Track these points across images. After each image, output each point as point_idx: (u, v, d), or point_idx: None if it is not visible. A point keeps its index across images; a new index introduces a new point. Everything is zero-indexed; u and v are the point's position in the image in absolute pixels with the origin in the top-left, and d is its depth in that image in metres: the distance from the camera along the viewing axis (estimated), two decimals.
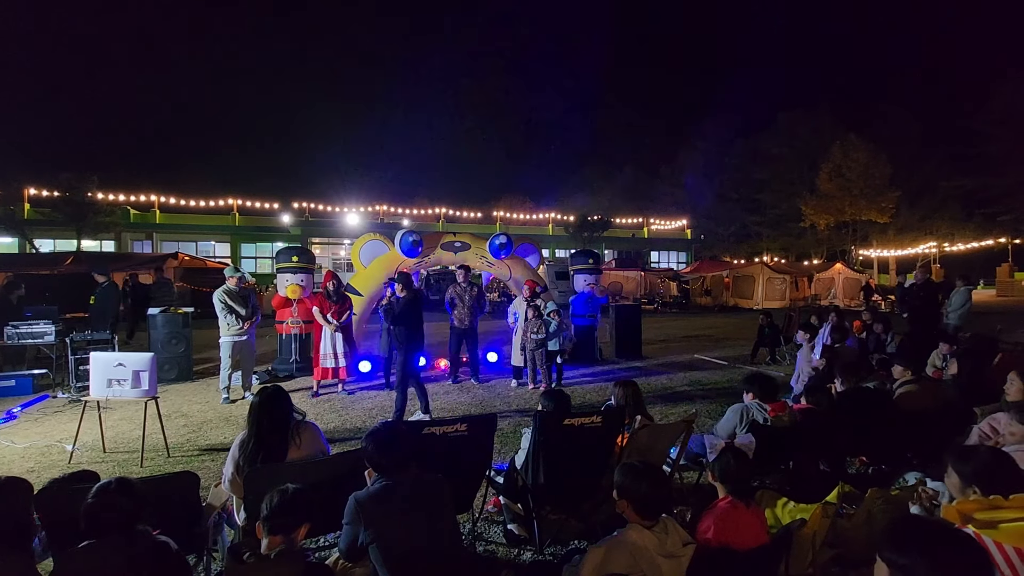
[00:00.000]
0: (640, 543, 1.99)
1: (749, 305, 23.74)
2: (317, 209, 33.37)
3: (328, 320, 6.96)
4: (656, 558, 1.97)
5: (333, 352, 6.99)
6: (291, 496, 2.00)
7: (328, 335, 6.99)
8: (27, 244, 25.68)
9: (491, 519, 3.59)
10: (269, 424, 2.81)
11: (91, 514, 1.89)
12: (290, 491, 2.02)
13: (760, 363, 9.44)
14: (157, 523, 2.30)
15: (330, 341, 6.99)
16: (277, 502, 1.97)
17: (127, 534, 1.89)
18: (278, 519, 1.95)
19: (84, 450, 4.94)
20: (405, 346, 5.85)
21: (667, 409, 6.36)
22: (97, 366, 4.69)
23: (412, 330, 5.95)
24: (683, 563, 2.01)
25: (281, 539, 1.94)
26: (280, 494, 2.00)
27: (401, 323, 5.88)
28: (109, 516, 1.89)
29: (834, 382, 4.58)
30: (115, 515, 1.89)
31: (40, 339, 7.66)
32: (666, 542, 2.01)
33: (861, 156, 34.21)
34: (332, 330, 6.96)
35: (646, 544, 1.99)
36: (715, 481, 2.35)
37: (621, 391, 3.74)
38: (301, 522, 2.00)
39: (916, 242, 37.39)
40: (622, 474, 2.16)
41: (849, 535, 2.55)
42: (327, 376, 7.05)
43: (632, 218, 40.58)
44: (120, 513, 1.90)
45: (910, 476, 3.33)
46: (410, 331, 5.91)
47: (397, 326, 5.91)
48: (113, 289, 10.34)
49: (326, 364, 7.00)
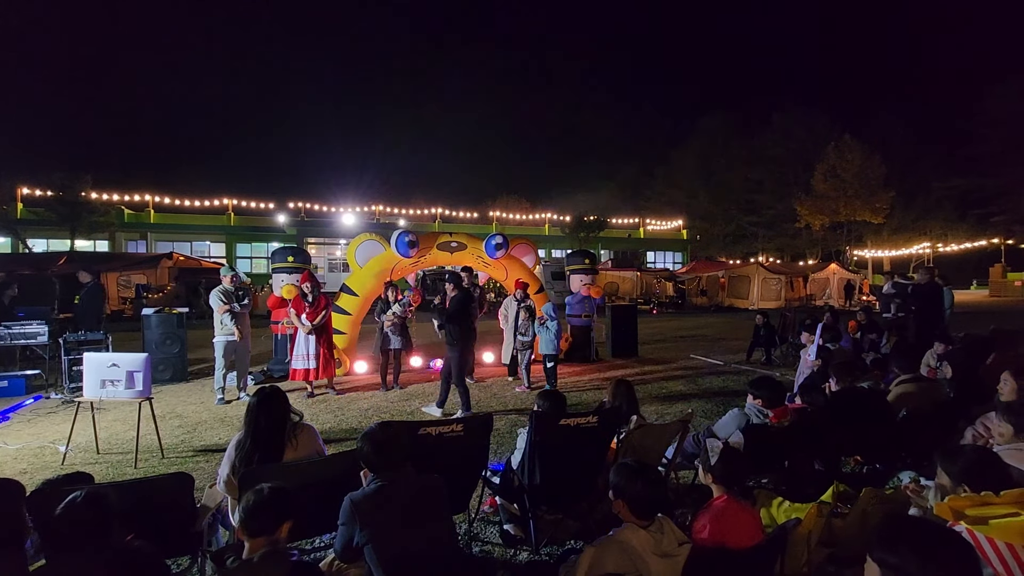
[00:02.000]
0: (635, 543, 1.99)
1: (745, 305, 23.82)
2: (313, 209, 33.28)
3: (302, 322, 6.90)
4: (651, 558, 1.97)
5: (306, 353, 6.92)
6: (266, 495, 1.94)
7: (302, 336, 6.93)
8: (20, 244, 25.51)
9: (487, 519, 3.58)
10: (266, 425, 2.80)
11: (57, 529, 1.85)
12: (265, 491, 1.96)
13: (756, 364, 9.47)
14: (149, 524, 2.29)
15: (303, 342, 6.92)
16: (252, 502, 1.92)
17: (97, 546, 1.84)
18: (255, 520, 1.90)
19: (77, 451, 4.91)
20: (459, 344, 6.03)
21: (663, 409, 6.37)
22: (91, 367, 4.65)
23: (465, 328, 6.16)
24: (679, 562, 2.01)
25: (264, 540, 1.90)
26: (255, 494, 1.95)
27: (454, 322, 6.05)
28: (76, 531, 1.83)
29: (828, 382, 4.60)
30: (82, 529, 1.83)
31: (33, 339, 7.60)
32: (662, 541, 2.01)
33: (856, 157, 34.40)
34: (306, 331, 6.90)
35: (641, 544, 1.99)
36: (711, 482, 2.35)
37: (615, 390, 3.75)
38: (281, 520, 1.94)
39: (910, 242, 37.63)
40: (617, 474, 2.16)
41: (844, 534, 2.56)
42: (297, 377, 6.96)
43: (628, 218, 40.68)
44: (86, 524, 1.84)
45: (904, 475, 3.35)
46: (463, 329, 6.11)
47: (451, 324, 6.07)
48: (98, 289, 10.24)
49: (296, 365, 6.95)
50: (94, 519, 1.85)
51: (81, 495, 1.90)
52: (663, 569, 1.98)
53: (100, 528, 1.86)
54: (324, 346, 7.04)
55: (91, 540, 1.84)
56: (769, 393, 3.70)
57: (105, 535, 1.87)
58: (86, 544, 1.83)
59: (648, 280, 28.15)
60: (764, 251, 41.51)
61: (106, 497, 1.93)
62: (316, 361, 6.92)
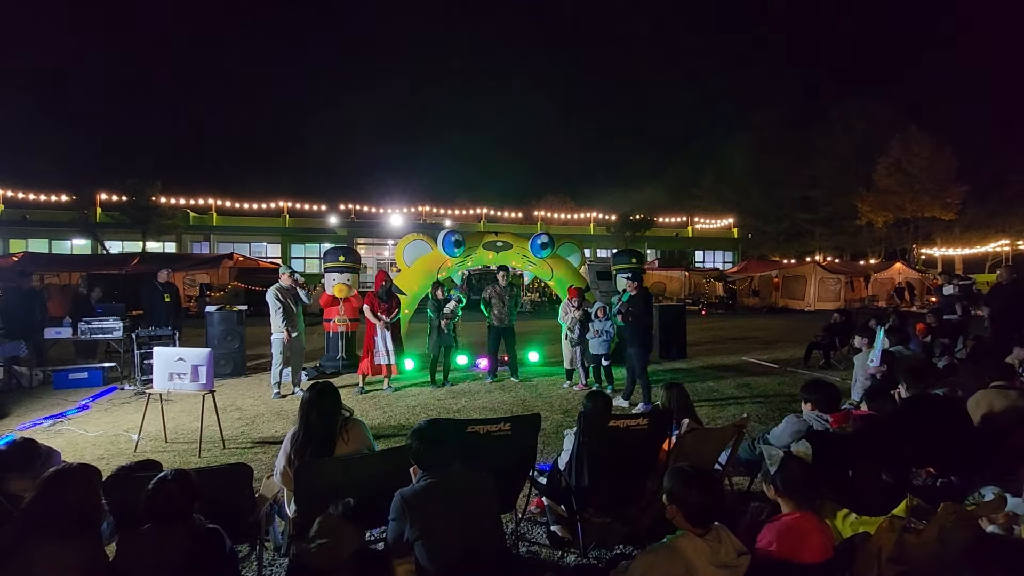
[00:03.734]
0: (690, 551, 1.92)
1: (800, 307, 22.79)
2: (362, 210, 34.24)
3: (378, 317, 7.14)
4: (707, 568, 1.90)
5: (385, 349, 7.18)
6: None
7: (380, 333, 7.18)
8: (98, 246, 27.49)
9: (534, 520, 3.56)
10: (318, 419, 2.88)
11: (150, 501, 2.01)
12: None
13: (813, 367, 9.03)
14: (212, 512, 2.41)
15: (382, 339, 7.19)
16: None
17: (182, 521, 2.02)
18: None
19: (148, 440, 5.22)
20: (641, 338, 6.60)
21: (714, 412, 6.16)
22: (160, 361, 4.94)
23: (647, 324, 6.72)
24: (737, 573, 1.92)
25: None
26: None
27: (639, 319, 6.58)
28: (166, 504, 2.00)
29: (898, 388, 4.31)
30: (172, 503, 2.01)
31: (109, 334, 8.16)
32: (719, 551, 1.93)
33: (924, 149, 32.20)
34: (382, 327, 7.14)
35: (697, 553, 1.91)
36: (777, 496, 2.22)
37: (668, 393, 3.64)
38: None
39: (985, 240, 34.91)
40: (671, 479, 2.09)
41: (918, 552, 2.38)
42: (380, 372, 7.27)
43: (676, 216, 39.69)
44: (176, 501, 2.01)
45: (986, 491, 3.09)
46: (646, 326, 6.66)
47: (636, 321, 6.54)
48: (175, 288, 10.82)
49: (379, 360, 7.22)
50: (181, 495, 2.02)
51: (172, 474, 2.08)
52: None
53: (186, 505, 2.03)
54: (396, 342, 7.35)
55: (178, 516, 2.01)
56: (821, 396, 3.49)
57: (188, 513, 2.04)
58: (173, 519, 2.00)
59: (697, 280, 27.38)
60: (821, 250, 39.55)
61: (192, 479, 2.10)
62: (393, 357, 7.25)
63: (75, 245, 28.90)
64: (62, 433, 5.50)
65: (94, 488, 2.14)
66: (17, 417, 6.13)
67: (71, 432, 5.53)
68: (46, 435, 5.34)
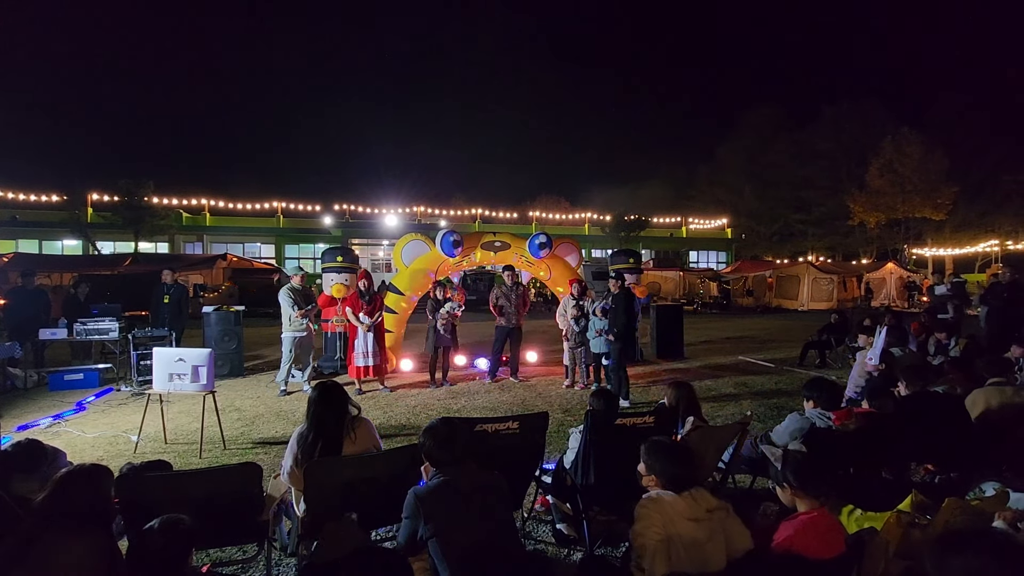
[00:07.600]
0: (670, 505, 2.13)
1: (794, 306, 22.95)
2: (357, 211, 34.12)
3: (360, 320, 7.09)
4: (683, 521, 2.10)
5: (365, 350, 7.11)
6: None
7: (361, 334, 7.12)
8: (90, 246, 27.23)
9: (539, 518, 3.57)
10: (326, 417, 2.87)
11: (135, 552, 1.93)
12: None
13: (809, 366, 9.10)
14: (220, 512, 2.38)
15: (363, 340, 7.12)
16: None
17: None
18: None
19: (147, 441, 5.18)
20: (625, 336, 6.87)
21: (713, 411, 6.20)
22: (160, 361, 4.91)
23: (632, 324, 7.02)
24: (708, 527, 2.11)
25: None
26: None
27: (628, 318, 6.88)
28: (150, 557, 1.87)
29: (897, 386, 4.35)
30: (155, 555, 1.86)
31: (105, 335, 8.09)
32: (694, 508, 2.13)
33: (915, 150, 32.48)
34: (365, 329, 7.08)
35: (675, 506, 2.12)
36: (794, 495, 2.24)
37: (675, 392, 3.66)
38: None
39: (975, 240, 35.27)
40: (648, 452, 2.31)
41: (923, 547, 2.41)
42: (360, 375, 7.16)
43: (670, 217, 39.85)
44: (157, 554, 1.87)
45: (987, 486, 3.13)
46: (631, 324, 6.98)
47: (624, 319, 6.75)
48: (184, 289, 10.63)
49: (358, 363, 7.14)
50: (164, 550, 1.87)
51: (158, 523, 1.92)
52: (694, 532, 2.09)
53: (169, 558, 1.88)
54: (380, 343, 7.24)
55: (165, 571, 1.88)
56: (825, 394, 3.53)
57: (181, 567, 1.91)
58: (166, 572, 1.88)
59: (691, 280, 27.50)
60: (814, 250, 39.80)
61: (183, 527, 1.94)
62: (374, 358, 7.14)
63: (66, 246, 28.62)
64: (60, 435, 5.45)
65: (107, 487, 2.14)
66: (13, 419, 6.07)
67: (69, 433, 5.49)
68: (44, 437, 5.24)
